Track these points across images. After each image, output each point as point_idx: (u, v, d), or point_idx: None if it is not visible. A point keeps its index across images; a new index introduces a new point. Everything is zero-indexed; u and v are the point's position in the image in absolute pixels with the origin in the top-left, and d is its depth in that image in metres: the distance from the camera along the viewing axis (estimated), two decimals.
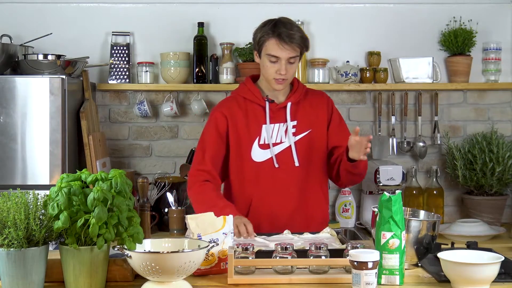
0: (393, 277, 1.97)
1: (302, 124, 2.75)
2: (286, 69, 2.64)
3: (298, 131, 2.74)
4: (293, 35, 2.62)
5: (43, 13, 3.71)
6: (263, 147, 2.73)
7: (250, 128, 2.73)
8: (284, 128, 2.73)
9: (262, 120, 2.73)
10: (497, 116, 3.80)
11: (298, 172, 2.72)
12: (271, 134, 2.72)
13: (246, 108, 2.76)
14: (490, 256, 2.00)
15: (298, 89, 2.79)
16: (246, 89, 2.79)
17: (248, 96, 2.77)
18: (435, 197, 3.61)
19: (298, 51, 2.66)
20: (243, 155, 2.73)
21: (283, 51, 2.62)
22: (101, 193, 1.84)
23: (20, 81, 3.19)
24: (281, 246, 2.06)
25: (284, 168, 2.72)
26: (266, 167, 2.72)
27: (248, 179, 2.73)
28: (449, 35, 3.69)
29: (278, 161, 2.71)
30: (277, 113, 2.74)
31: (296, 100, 2.77)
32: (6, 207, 1.84)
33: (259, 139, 2.72)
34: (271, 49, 2.64)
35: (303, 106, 2.77)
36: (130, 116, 3.75)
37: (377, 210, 2.03)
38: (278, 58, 2.63)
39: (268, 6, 3.67)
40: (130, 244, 1.87)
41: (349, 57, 3.75)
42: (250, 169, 2.72)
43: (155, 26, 3.74)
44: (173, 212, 3.35)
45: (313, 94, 2.85)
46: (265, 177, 2.72)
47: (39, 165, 3.17)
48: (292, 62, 2.66)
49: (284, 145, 2.73)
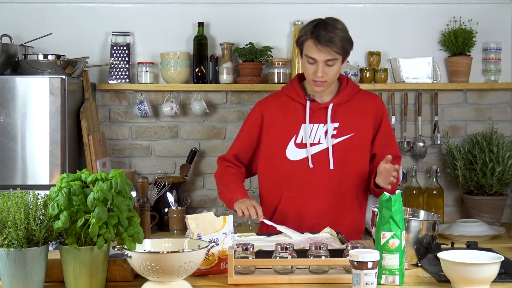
0: (393, 277, 1.97)
1: (344, 126, 2.67)
2: (323, 72, 2.57)
3: (339, 133, 2.67)
4: (332, 38, 2.55)
5: (43, 13, 3.71)
6: (299, 146, 2.68)
7: (287, 126, 2.69)
8: (324, 129, 2.67)
9: (301, 119, 2.68)
10: (497, 116, 3.80)
11: (332, 176, 2.66)
12: (310, 134, 2.67)
13: (287, 105, 2.71)
14: (490, 256, 2.00)
15: (345, 89, 2.71)
16: (291, 87, 2.74)
17: (291, 94, 2.72)
18: (435, 197, 3.61)
19: (336, 54, 2.58)
20: (277, 152, 2.69)
21: (320, 54, 2.55)
22: (101, 193, 1.84)
23: (20, 81, 3.19)
24: (281, 246, 2.06)
25: (319, 169, 2.66)
26: (300, 167, 2.67)
27: (280, 176, 2.70)
28: (449, 35, 3.69)
29: (313, 161, 2.66)
30: (318, 113, 2.68)
31: (340, 101, 2.69)
32: (6, 207, 1.84)
33: (296, 138, 2.67)
34: (309, 51, 2.58)
35: (348, 108, 2.69)
36: (130, 116, 3.75)
37: (377, 210, 2.03)
38: (315, 60, 2.57)
39: (268, 6, 3.67)
40: (130, 244, 1.87)
41: (349, 57, 3.70)
42: (283, 166, 2.68)
43: (155, 26, 3.74)
44: (173, 212, 3.35)
45: (363, 96, 2.75)
46: (298, 176, 2.67)
47: (39, 165, 3.17)
48: (331, 64, 2.58)
49: (322, 146, 2.67)
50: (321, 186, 2.66)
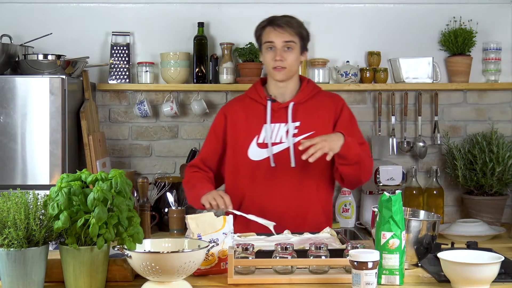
0: (393, 277, 1.97)
1: (305, 125, 2.72)
2: (282, 55, 2.65)
3: (300, 132, 2.71)
4: (289, 20, 2.69)
5: (43, 13, 3.71)
6: (261, 146, 2.72)
7: (249, 127, 2.74)
8: (285, 128, 2.72)
9: (263, 120, 2.73)
10: (497, 116, 3.80)
11: (293, 173, 2.70)
12: (271, 134, 2.71)
13: (249, 107, 2.77)
14: (490, 256, 2.00)
15: (305, 88, 2.77)
16: (253, 89, 2.81)
17: (253, 96, 2.78)
18: (435, 197, 3.61)
19: (294, 35, 2.68)
20: (240, 153, 2.74)
21: (278, 36, 2.66)
22: (101, 193, 1.84)
23: (20, 81, 3.19)
24: (281, 246, 2.06)
25: (280, 168, 2.70)
26: (263, 166, 2.71)
27: (243, 176, 2.74)
28: (449, 35, 3.69)
29: (275, 160, 2.70)
30: (279, 113, 2.73)
31: (300, 100, 2.74)
32: (6, 207, 1.84)
33: (257, 138, 2.72)
34: (267, 36, 2.69)
35: (308, 107, 2.74)
36: (130, 116, 3.75)
37: (377, 210, 2.03)
38: (273, 44, 2.67)
39: (268, 6, 3.67)
40: (130, 244, 1.87)
41: (349, 57, 3.75)
42: (246, 166, 2.73)
43: (155, 26, 3.74)
44: (173, 212, 3.35)
45: (323, 96, 2.80)
46: (260, 176, 2.72)
47: (39, 165, 3.17)
48: (289, 47, 2.67)
49: (284, 145, 2.71)
50: (283, 184, 2.71)
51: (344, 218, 3.66)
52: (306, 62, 3.69)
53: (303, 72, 3.67)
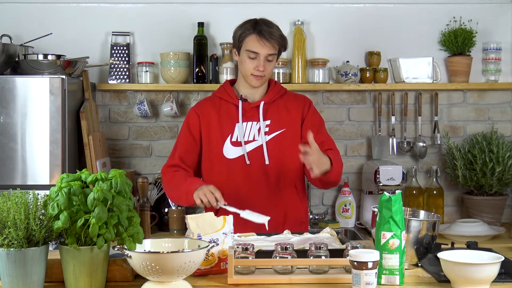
0: (393, 277, 1.97)
1: (275, 123, 2.78)
2: (264, 66, 2.71)
3: (272, 130, 2.77)
4: (273, 32, 2.71)
5: (43, 13, 3.70)
6: (235, 144, 2.76)
7: (222, 126, 2.78)
8: (257, 126, 2.77)
9: (235, 119, 2.78)
10: (497, 116, 3.80)
11: (269, 170, 2.75)
12: (244, 132, 2.76)
13: (220, 107, 2.82)
14: (490, 256, 2.00)
15: (273, 89, 2.83)
16: (223, 89, 2.86)
17: (223, 96, 2.83)
18: (435, 197, 3.61)
19: (277, 48, 2.73)
20: (214, 152, 2.77)
21: (263, 48, 2.70)
22: (101, 193, 1.84)
23: (20, 81, 3.19)
24: (281, 246, 2.06)
25: (255, 165, 2.75)
26: (238, 164, 2.75)
27: (219, 175, 2.76)
28: (449, 35, 3.69)
29: (249, 158, 2.75)
30: (250, 112, 2.78)
31: (269, 99, 2.80)
32: (6, 207, 1.84)
33: (231, 137, 2.76)
34: (251, 46, 2.71)
35: (277, 106, 2.81)
36: (130, 116, 3.75)
37: (377, 210, 2.03)
38: (258, 55, 2.70)
39: (268, 6, 3.67)
40: (130, 244, 1.87)
41: (349, 57, 3.75)
42: (221, 165, 2.76)
43: (155, 26, 3.74)
44: (173, 212, 3.35)
45: (291, 96, 2.88)
46: (237, 173, 2.75)
47: (39, 165, 3.17)
48: (270, 60, 2.73)
49: (257, 143, 2.76)
50: (260, 182, 2.75)
51: (344, 218, 3.66)
52: (306, 62, 3.69)
53: (303, 72, 3.67)
